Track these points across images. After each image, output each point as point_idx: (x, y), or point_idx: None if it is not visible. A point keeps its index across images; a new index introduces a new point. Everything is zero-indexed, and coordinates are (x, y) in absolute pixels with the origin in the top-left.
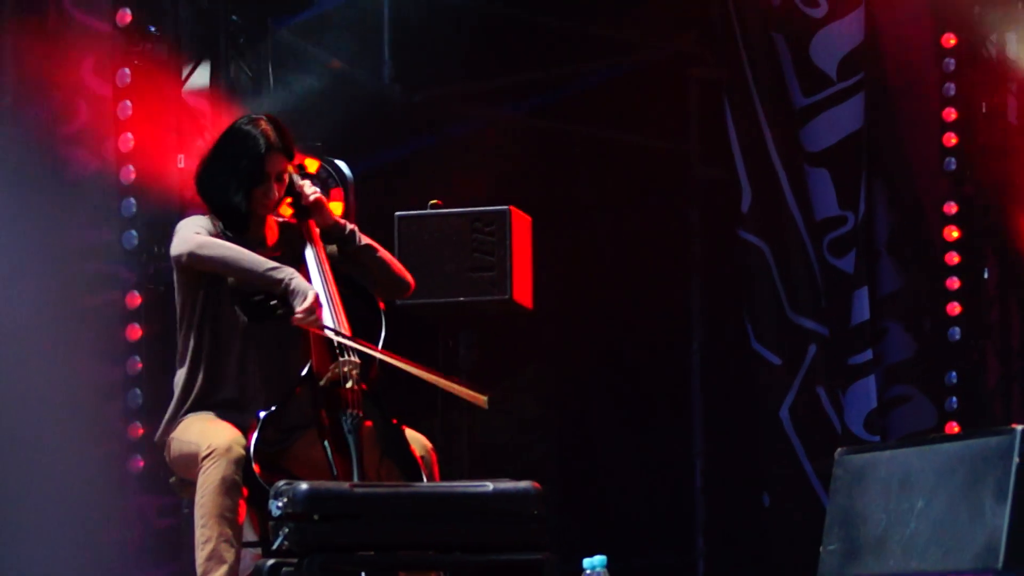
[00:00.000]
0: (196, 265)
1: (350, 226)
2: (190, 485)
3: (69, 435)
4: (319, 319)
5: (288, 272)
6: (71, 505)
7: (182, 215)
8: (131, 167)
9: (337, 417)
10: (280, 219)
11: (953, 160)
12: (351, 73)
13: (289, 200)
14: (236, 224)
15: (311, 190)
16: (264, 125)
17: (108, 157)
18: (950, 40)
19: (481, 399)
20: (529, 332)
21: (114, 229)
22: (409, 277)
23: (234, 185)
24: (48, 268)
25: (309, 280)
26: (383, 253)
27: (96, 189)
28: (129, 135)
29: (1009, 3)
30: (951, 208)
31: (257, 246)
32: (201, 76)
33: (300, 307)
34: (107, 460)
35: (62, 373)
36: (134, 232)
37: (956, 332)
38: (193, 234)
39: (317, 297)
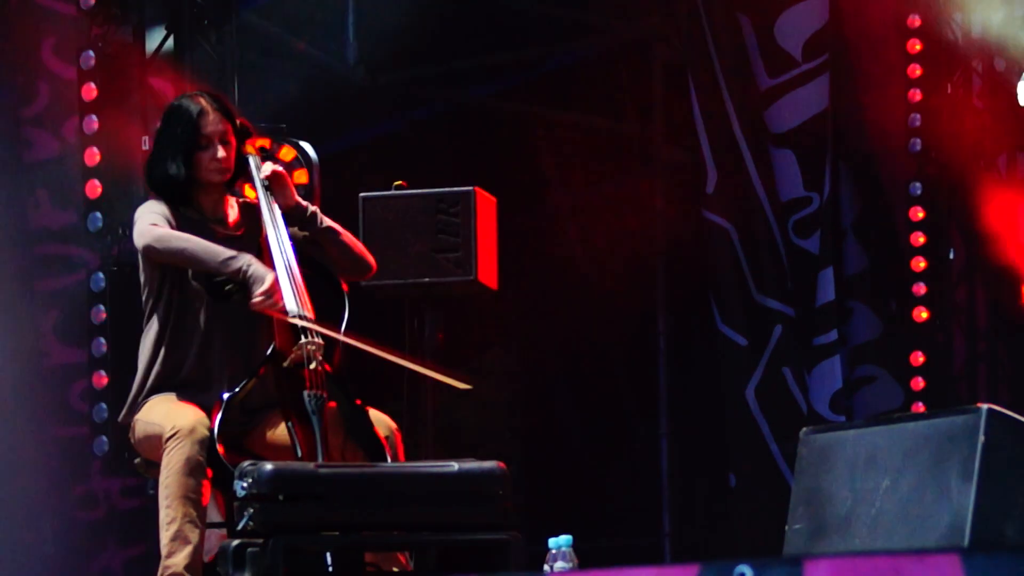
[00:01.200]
0: (154, 258)
1: (312, 208)
2: (155, 466)
3: (33, 417)
4: (277, 303)
5: (245, 259)
6: (35, 487)
7: (147, 197)
8: (95, 149)
9: (301, 398)
10: (242, 200)
11: (918, 141)
12: (316, 55)
13: (253, 192)
14: (180, 197)
15: (270, 168)
16: (197, 95)
17: (69, 139)
18: (915, 21)
19: (463, 385)
20: (494, 313)
21: (78, 211)
22: (371, 259)
23: (171, 155)
24: (8, 251)
25: (272, 261)
26: (345, 235)
27: (58, 171)
28: (94, 117)
29: None
30: (916, 189)
31: (217, 225)
32: (167, 51)
33: (258, 291)
34: (72, 442)
35: (25, 356)
36: (99, 214)
37: (922, 312)
38: (149, 226)
39: (276, 281)
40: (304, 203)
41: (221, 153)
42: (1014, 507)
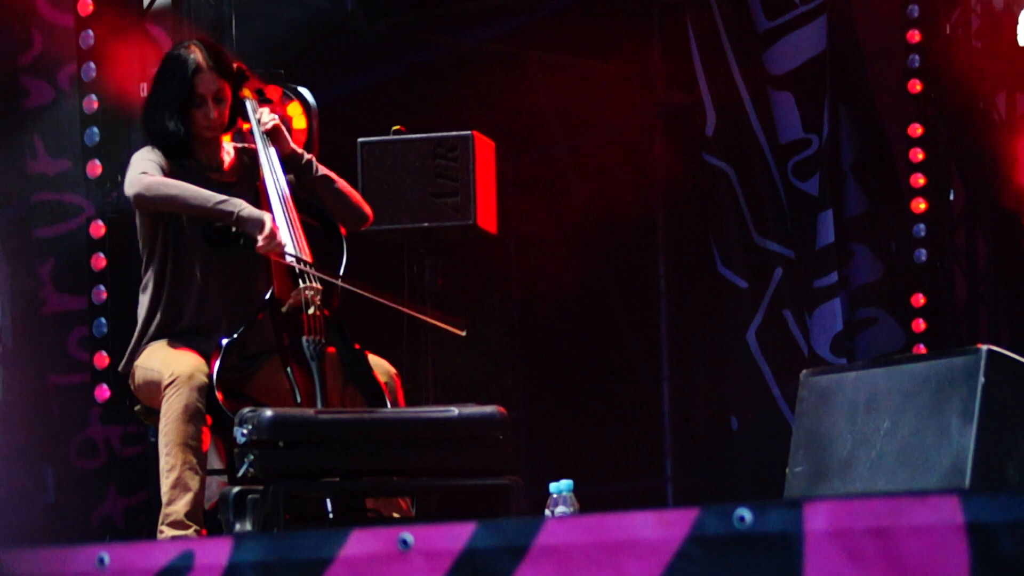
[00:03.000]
0: (145, 206)
1: (307, 155)
2: (154, 413)
3: (32, 365)
4: (280, 246)
5: (236, 203)
6: (35, 435)
7: (145, 144)
8: (93, 96)
9: (299, 343)
10: (238, 145)
11: (917, 82)
12: (313, 1)
13: (248, 126)
14: (177, 150)
15: (268, 117)
16: (193, 47)
17: (64, 87)
18: None
19: (458, 330)
20: (494, 258)
21: (74, 159)
22: (367, 209)
23: (167, 111)
24: (5, 199)
25: (270, 207)
26: (341, 184)
27: (54, 119)
28: (91, 64)
29: None
30: (916, 130)
31: (211, 171)
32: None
33: (260, 235)
34: (71, 390)
35: (23, 304)
36: (97, 161)
37: (922, 254)
38: (139, 174)
39: (274, 223)
40: (300, 150)
41: (214, 113)
42: (1015, 448)
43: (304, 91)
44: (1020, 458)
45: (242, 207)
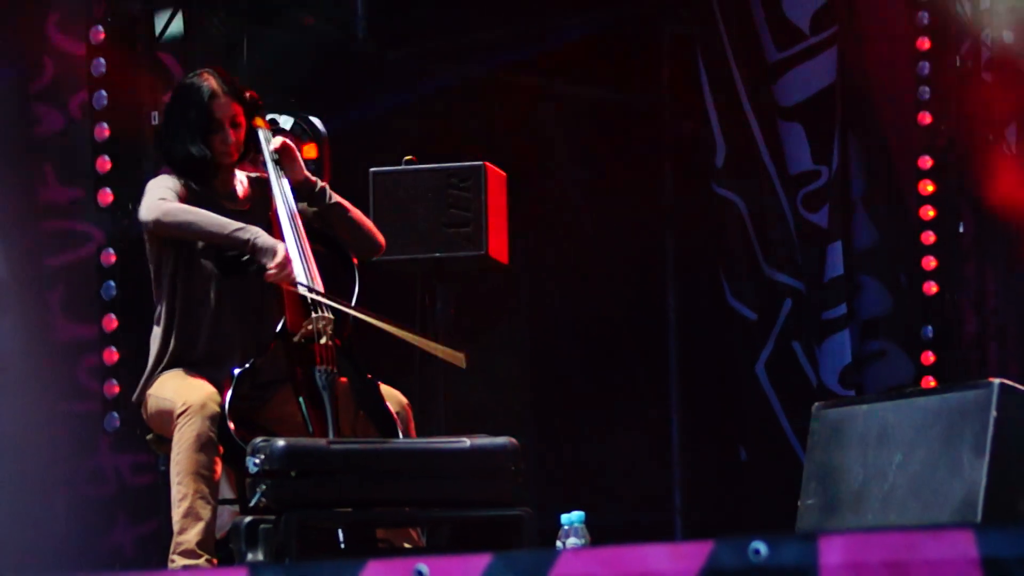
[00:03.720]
0: (162, 233)
1: (320, 183)
2: (166, 442)
3: (42, 393)
4: (291, 275)
5: (253, 231)
6: (46, 464)
7: (156, 171)
8: (104, 124)
9: (311, 373)
10: (252, 175)
11: (927, 114)
12: (325, 29)
13: (261, 157)
14: (202, 174)
15: (280, 145)
16: (206, 75)
17: (75, 114)
18: None
19: (459, 357)
20: (505, 288)
21: (85, 187)
22: (380, 237)
23: (189, 136)
24: (17, 226)
25: (282, 236)
26: (354, 212)
27: (64, 146)
28: (103, 92)
29: None
30: (926, 162)
31: (226, 200)
32: (176, 28)
33: (271, 263)
34: (81, 418)
35: (35, 331)
36: (108, 189)
37: (932, 287)
38: (158, 200)
39: (287, 252)
40: (313, 178)
41: (232, 137)
42: None
43: (315, 120)
44: None
45: (258, 235)
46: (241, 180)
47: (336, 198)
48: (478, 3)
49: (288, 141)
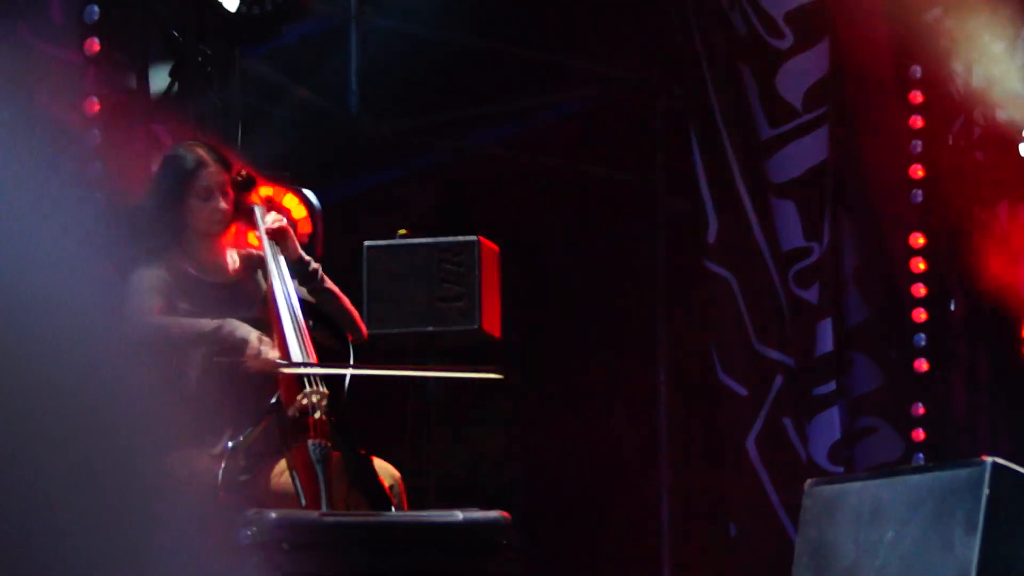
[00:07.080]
0: (148, 354)
1: (314, 264)
2: None
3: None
4: (269, 361)
5: (228, 327)
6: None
7: (136, 261)
8: (98, 196)
9: (305, 447)
10: (242, 251)
11: (920, 192)
12: (319, 103)
13: (256, 233)
14: (174, 248)
15: (277, 223)
16: (193, 145)
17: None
18: (916, 72)
19: (492, 374)
20: (497, 362)
21: None
22: (364, 329)
23: (164, 202)
24: None
25: (278, 312)
26: (343, 301)
27: None
28: (98, 163)
29: (975, 35)
30: (917, 240)
31: (209, 278)
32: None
33: (244, 356)
34: None
35: None
36: None
37: (923, 364)
38: (140, 317)
39: (259, 338)
40: (307, 258)
41: (222, 205)
42: (1018, 560)
43: (309, 193)
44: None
45: (234, 328)
46: (232, 257)
47: (328, 284)
48: (471, 78)
49: (283, 220)
